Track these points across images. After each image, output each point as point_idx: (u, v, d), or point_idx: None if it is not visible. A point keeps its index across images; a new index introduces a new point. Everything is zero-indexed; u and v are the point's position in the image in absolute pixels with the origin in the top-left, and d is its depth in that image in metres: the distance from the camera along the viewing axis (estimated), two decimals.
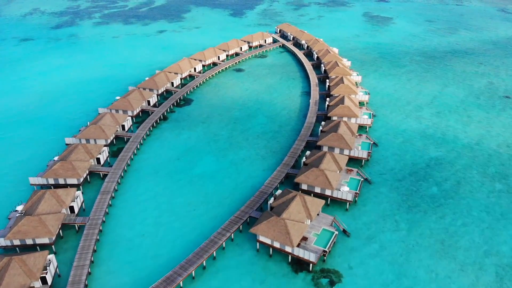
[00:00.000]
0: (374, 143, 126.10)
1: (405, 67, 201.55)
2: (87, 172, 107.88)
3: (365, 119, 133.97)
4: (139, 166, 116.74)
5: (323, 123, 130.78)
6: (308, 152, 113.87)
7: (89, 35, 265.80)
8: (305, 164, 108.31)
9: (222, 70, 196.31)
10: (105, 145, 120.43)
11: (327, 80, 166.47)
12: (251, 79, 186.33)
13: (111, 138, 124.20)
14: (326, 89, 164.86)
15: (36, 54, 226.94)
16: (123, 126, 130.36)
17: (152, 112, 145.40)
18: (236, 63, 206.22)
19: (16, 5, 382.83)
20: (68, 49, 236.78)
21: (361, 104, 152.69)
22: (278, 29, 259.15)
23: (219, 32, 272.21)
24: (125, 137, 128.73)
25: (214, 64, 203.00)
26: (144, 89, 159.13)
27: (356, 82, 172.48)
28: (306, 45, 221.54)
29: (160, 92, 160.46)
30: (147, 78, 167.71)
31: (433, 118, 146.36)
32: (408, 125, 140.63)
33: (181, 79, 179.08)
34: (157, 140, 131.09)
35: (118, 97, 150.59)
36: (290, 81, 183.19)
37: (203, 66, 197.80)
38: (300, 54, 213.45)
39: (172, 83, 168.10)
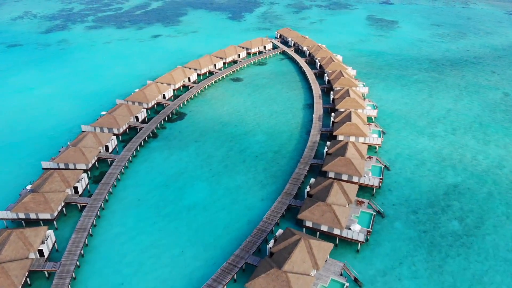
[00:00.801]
0: (385, 166, 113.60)
1: (414, 76, 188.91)
2: (63, 203, 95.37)
3: (374, 138, 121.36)
4: (123, 195, 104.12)
5: (328, 143, 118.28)
6: (312, 180, 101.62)
7: (80, 40, 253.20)
8: (309, 195, 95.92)
9: (219, 79, 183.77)
10: (85, 171, 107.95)
11: (332, 92, 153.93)
12: (249, 89, 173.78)
13: (93, 161, 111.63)
14: (331, 101, 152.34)
15: (20, 64, 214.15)
16: (106, 147, 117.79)
17: (140, 129, 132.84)
18: (233, 71, 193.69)
19: (7, 8, 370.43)
20: (56, 56, 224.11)
21: (369, 119, 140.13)
22: (278, 34, 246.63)
23: (216, 37, 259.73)
24: (108, 160, 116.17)
25: (210, 73, 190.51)
26: (133, 102, 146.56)
27: (362, 94, 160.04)
28: (308, 52, 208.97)
29: (150, 105, 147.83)
30: (136, 90, 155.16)
31: (448, 136, 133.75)
32: (421, 144, 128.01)
33: (174, 90, 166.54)
34: (145, 163, 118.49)
35: (103, 112, 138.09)
36: (291, 92, 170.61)
37: (198, 75, 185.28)
38: (301, 62, 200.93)
39: (164, 95, 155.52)
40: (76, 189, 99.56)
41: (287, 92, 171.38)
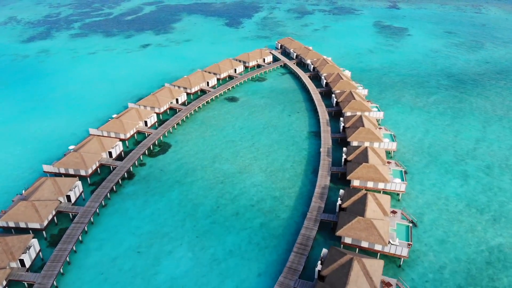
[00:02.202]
0: (412, 222, 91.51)
1: (433, 95, 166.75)
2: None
3: (397, 184, 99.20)
4: (82, 268, 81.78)
5: (345, 149, 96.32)
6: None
7: (62, 51, 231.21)
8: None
9: (212, 99, 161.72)
10: (35, 235, 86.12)
11: (341, 119, 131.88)
12: (246, 112, 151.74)
13: (48, 219, 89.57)
14: (341, 130, 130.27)
15: None
16: (68, 197, 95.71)
17: (114, 169, 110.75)
18: (229, 89, 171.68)
19: None
20: (30, 73, 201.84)
21: (387, 155, 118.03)
22: (279, 45, 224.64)
23: (211, 47, 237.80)
24: (70, 214, 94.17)
25: (202, 91, 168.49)
26: (109, 133, 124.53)
27: (377, 120, 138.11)
28: (312, 66, 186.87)
29: (128, 136, 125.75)
30: (114, 116, 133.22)
31: (482, 176, 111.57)
32: (452, 188, 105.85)
33: (158, 114, 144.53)
34: (114, 216, 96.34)
35: (71, 147, 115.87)
36: (294, 116, 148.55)
37: (188, 94, 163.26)
38: (305, 78, 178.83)
39: (146, 122, 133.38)
40: (22, 262, 77.67)
41: (289, 115, 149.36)
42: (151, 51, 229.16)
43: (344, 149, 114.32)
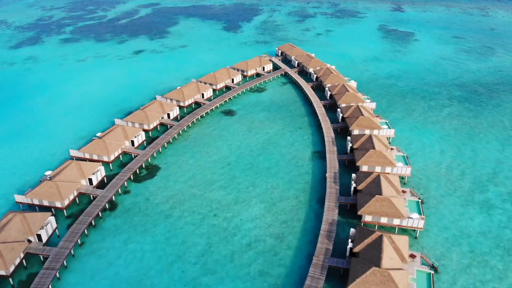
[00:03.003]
0: (433, 267, 79.30)
1: (445, 108, 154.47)
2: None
3: (415, 220, 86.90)
4: None
5: (354, 176, 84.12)
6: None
7: (50, 58, 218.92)
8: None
9: (207, 113, 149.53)
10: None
11: (349, 138, 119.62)
12: (243, 127, 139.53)
13: (15, 264, 77.35)
14: (348, 150, 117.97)
15: None
16: (38, 236, 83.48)
17: (94, 198, 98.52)
18: (225, 101, 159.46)
19: None
20: (13, 86, 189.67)
21: (400, 180, 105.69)
22: (280, 51, 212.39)
23: (208, 53, 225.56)
24: (41, 256, 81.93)
25: (197, 104, 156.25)
26: (91, 155, 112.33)
27: (388, 138, 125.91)
28: (315, 75, 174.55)
29: (112, 158, 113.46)
30: (98, 134, 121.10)
31: (506, 206, 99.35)
32: (474, 222, 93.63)
33: (147, 131, 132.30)
34: (92, 257, 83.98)
35: (47, 172, 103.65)
36: (296, 132, 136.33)
37: (181, 108, 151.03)
38: (308, 89, 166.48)
39: (133, 142, 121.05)
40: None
41: (291, 131, 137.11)
42: (144, 58, 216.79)
43: (353, 175, 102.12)
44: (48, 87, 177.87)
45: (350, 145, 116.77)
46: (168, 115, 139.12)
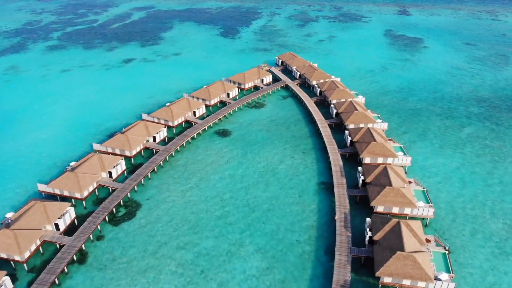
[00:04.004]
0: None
1: (465, 128, 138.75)
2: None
3: (443, 283, 71.02)
4: None
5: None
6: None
7: (33, 68, 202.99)
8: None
9: (199, 133, 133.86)
10: None
11: (360, 169, 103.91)
12: (239, 152, 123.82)
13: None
14: (359, 183, 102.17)
15: None
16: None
17: (61, 248, 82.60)
18: (220, 119, 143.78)
19: None
20: None
21: (423, 227, 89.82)
22: (280, 61, 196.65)
23: (203, 62, 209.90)
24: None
25: (188, 122, 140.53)
26: (61, 191, 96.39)
27: (404, 167, 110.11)
28: (319, 90, 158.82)
29: (86, 194, 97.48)
30: (72, 165, 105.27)
31: None
32: (507, 277, 78.09)
33: (129, 158, 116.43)
34: None
35: (9, 214, 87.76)
36: (299, 157, 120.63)
37: (170, 128, 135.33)
38: (311, 104, 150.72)
39: (110, 173, 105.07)
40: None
41: (293, 156, 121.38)
42: (133, 68, 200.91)
43: (368, 220, 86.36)
44: (24, 104, 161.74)
45: (362, 177, 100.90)
46: (154, 138, 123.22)
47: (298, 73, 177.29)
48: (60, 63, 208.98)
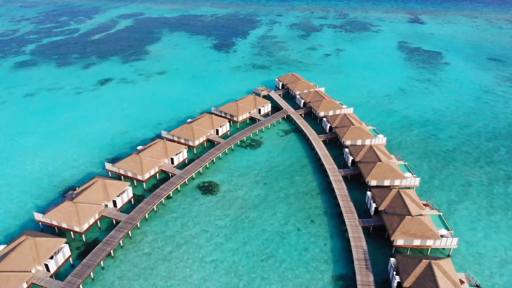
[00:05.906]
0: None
1: (510, 181, 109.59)
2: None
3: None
4: None
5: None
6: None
7: None
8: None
9: (177, 190, 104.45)
10: None
11: (392, 260, 74.65)
12: (226, 221, 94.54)
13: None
14: (394, 284, 72.75)
15: None
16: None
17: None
18: (207, 166, 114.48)
19: None
20: None
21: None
22: (280, 84, 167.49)
23: (190, 83, 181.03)
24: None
25: (164, 173, 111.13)
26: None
27: (448, 252, 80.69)
28: (329, 125, 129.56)
29: None
30: (16, 239, 76.12)
31: None
32: None
33: (80, 235, 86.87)
34: None
35: None
36: (306, 229, 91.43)
37: (140, 182, 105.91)
38: (319, 146, 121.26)
39: (47, 266, 75.16)
40: None
41: (298, 228, 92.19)
42: (107, 92, 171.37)
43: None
44: None
45: (397, 278, 71.28)
46: (114, 202, 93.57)
47: (303, 101, 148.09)
48: (25, 85, 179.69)
